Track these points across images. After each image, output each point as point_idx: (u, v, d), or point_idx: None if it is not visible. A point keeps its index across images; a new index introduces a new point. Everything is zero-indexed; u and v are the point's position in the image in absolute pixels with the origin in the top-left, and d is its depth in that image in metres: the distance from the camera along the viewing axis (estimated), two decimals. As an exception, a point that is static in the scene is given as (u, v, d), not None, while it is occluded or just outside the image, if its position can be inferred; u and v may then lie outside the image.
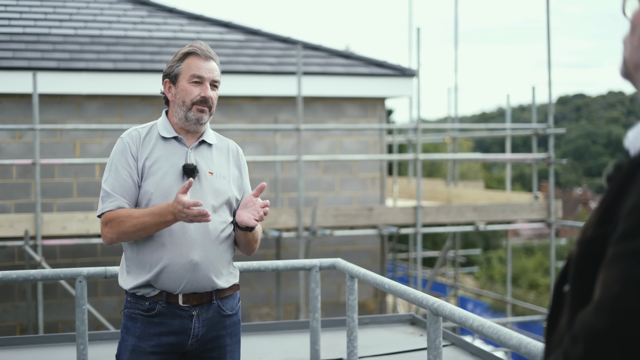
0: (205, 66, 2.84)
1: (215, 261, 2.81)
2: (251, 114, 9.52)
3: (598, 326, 1.02)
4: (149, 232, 2.72)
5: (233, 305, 2.91)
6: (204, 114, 2.84)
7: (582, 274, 1.14)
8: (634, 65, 1.18)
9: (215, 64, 2.89)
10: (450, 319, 2.72)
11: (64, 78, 8.73)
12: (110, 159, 2.85)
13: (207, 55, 2.86)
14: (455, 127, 11.82)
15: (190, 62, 2.85)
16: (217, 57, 2.93)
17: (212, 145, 2.91)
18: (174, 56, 2.90)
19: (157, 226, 2.70)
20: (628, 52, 1.19)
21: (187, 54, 2.87)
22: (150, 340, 2.78)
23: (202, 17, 11.03)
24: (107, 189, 2.79)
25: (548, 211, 9.83)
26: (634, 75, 1.18)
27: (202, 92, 2.82)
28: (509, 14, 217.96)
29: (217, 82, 2.88)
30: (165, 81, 2.90)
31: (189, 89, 2.83)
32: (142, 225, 2.70)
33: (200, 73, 2.83)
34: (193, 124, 2.85)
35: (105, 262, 8.41)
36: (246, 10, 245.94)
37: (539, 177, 18.81)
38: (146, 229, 2.71)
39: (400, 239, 19.00)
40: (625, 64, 1.20)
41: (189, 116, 2.83)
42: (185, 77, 2.84)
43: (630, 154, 1.16)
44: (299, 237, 8.59)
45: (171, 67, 2.88)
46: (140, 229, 2.70)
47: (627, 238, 1.04)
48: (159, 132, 2.87)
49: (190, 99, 2.82)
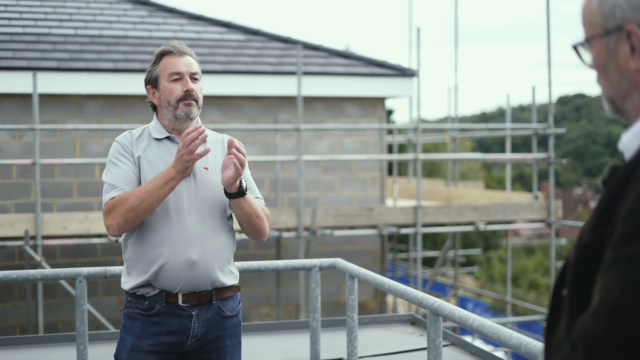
0: (180, 61, 2.84)
1: (214, 259, 2.79)
2: (251, 114, 9.52)
3: (597, 332, 1.02)
4: (154, 200, 2.67)
5: (233, 306, 2.90)
6: (191, 107, 2.83)
7: (580, 279, 1.14)
8: (621, 98, 1.20)
9: (191, 58, 2.88)
10: (450, 319, 2.72)
11: (64, 78, 8.73)
12: (108, 159, 2.85)
13: (181, 52, 2.86)
14: (455, 127, 11.82)
15: (166, 62, 2.85)
16: (192, 52, 2.92)
17: (206, 140, 2.89)
18: (151, 61, 2.91)
19: (161, 190, 2.66)
20: (608, 91, 1.22)
21: (161, 55, 2.87)
22: (149, 339, 2.77)
23: (202, 17, 11.03)
24: (109, 181, 2.78)
25: (548, 211, 9.83)
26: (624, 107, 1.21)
27: (184, 87, 2.82)
28: (509, 14, 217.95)
29: (197, 74, 2.87)
30: (148, 87, 2.91)
31: (170, 87, 2.83)
32: (145, 192, 2.66)
33: (177, 69, 2.83)
34: (184, 121, 2.84)
35: (105, 262, 8.40)
36: (246, 10, 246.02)
37: (539, 177, 18.82)
38: (151, 197, 2.66)
39: (400, 239, 19.00)
40: (612, 102, 1.22)
41: (177, 114, 2.83)
42: (164, 77, 2.84)
43: (625, 157, 1.16)
44: (299, 237, 8.59)
45: (149, 72, 2.89)
46: (145, 198, 2.66)
47: (625, 243, 1.04)
48: (150, 134, 2.88)
49: (174, 96, 2.82)
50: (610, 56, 1.20)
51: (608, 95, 1.22)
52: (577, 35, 1.51)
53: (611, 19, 1.19)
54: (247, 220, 2.82)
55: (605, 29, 1.20)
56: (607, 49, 1.20)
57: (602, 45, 1.21)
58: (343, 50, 11.20)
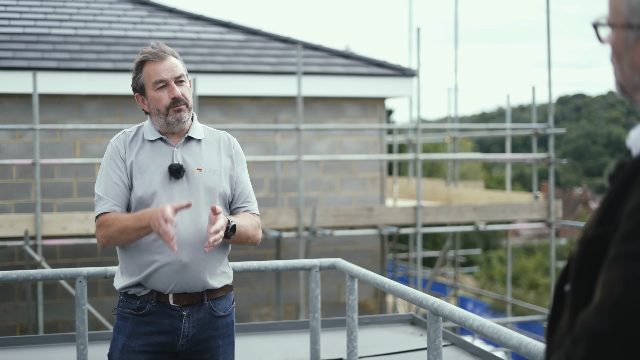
0: (162, 67, 2.80)
1: (206, 262, 2.78)
2: (251, 114, 9.52)
3: (600, 327, 1.01)
4: (130, 237, 2.69)
5: (226, 306, 2.89)
6: (182, 112, 2.81)
7: (583, 274, 1.13)
8: (632, 88, 1.19)
9: (173, 59, 2.83)
10: (450, 319, 2.72)
11: (64, 78, 8.72)
12: (102, 163, 2.85)
13: (161, 56, 2.81)
14: (455, 127, 11.82)
15: (148, 70, 2.81)
16: (173, 51, 2.87)
17: (201, 140, 2.88)
18: (133, 69, 2.87)
19: (136, 232, 2.66)
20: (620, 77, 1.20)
21: (142, 63, 2.83)
22: (139, 339, 2.78)
23: (202, 17, 11.03)
24: (99, 193, 2.79)
25: (548, 211, 9.83)
26: (633, 95, 1.19)
27: (171, 94, 2.79)
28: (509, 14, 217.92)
29: (182, 76, 2.83)
30: (136, 95, 2.89)
31: (157, 96, 2.81)
32: (124, 229, 2.67)
33: (161, 76, 2.79)
34: (176, 125, 2.83)
35: (105, 262, 8.40)
36: (246, 10, 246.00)
37: (539, 177, 18.81)
38: (128, 234, 2.68)
39: (400, 239, 19.00)
40: (621, 86, 1.21)
41: (169, 120, 2.81)
42: (149, 86, 2.82)
43: (633, 154, 1.15)
44: (299, 237, 8.59)
45: (135, 80, 2.87)
46: (123, 232, 2.68)
47: (629, 239, 1.04)
48: (144, 135, 2.87)
49: (163, 104, 2.80)
50: (627, 50, 1.18)
51: (619, 80, 1.21)
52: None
53: (636, 16, 1.17)
54: (241, 244, 2.87)
55: (628, 23, 1.18)
56: (626, 42, 1.19)
57: (622, 35, 1.19)
58: (343, 50, 11.20)
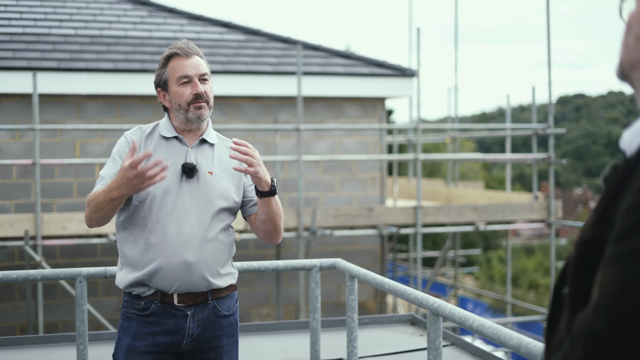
0: (188, 64, 2.83)
1: (210, 261, 2.79)
2: (251, 114, 9.52)
3: (597, 327, 1.01)
4: (105, 210, 2.64)
5: (230, 305, 2.90)
6: (202, 109, 2.83)
7: (581, 276, 1.13)
8: (629, 65, 1.17)
9: (199, 58, 2.87)
10: (450, 319, 2.72)
11: (64, 78, 8.72)
12: (112, 152, 2.87)
13: (188, 53, 2.85)
14: (455, 127, 11.83)
15: (174, 65, 2.84)
16: (199, 51, 2.91)
17: (214, 145, 2.90)
18: (159, 63, 2.90)
19: (109, 204, 2.61)
20: (623, 53, 1.19)
21: (169, 58, 2.86)
22: (144, 339, 2.78)
23: (202, 17, 11.03)
24: (102, 174, 2.79)
25: (548, 211, 9.83)
26: (631, 74, 1.18)
27: (194, 90, 2.81)
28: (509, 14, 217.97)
29: (206, 75, 2.86)
30: (158, 90, 2.91)
31: (180, 91, 2.82)
32: (98, 205, 2.64)
33: (186, 72, 2.82)
34: (195, 122, 2.84)
35: (105, 262, 8.40)
36: (246, 10, 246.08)
37: (539, 177, 18.81)
38: (101, 211, 2.64)
39: (400, 239, 19.00)
40: (621, 65, 1.20)
41: (189, 117, 2.83)
42: (173, 80, 2.84)
43: (626, 155, 1.15)
44: (299, 237, 8.59)
45: (158, 75, 2.89)
46: (97, 210, 2.65)
47: (624, 237, 1.03)
48: (160, 132, 2.88)
49: (185, 100, 2.82)
50: (638, 21, 1.17)
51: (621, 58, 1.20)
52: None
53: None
54: (272, 220, 2.83)
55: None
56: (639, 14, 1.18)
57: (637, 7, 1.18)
58: (343, 50, 11.20)
